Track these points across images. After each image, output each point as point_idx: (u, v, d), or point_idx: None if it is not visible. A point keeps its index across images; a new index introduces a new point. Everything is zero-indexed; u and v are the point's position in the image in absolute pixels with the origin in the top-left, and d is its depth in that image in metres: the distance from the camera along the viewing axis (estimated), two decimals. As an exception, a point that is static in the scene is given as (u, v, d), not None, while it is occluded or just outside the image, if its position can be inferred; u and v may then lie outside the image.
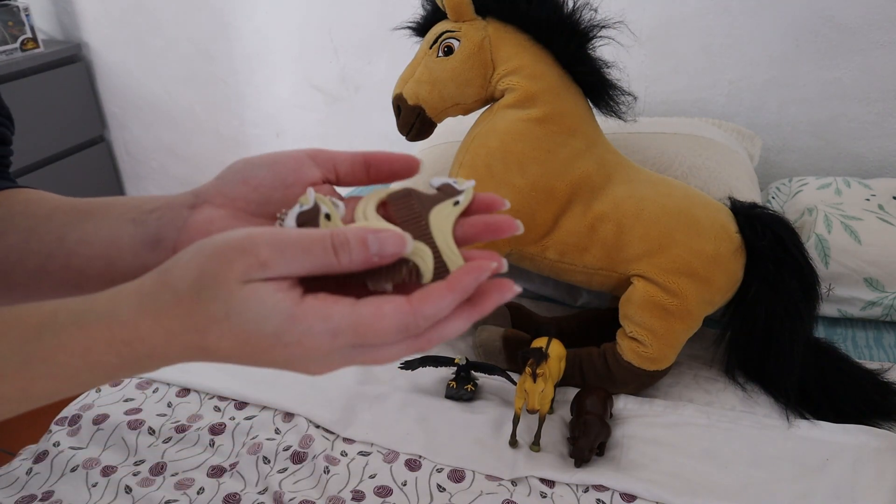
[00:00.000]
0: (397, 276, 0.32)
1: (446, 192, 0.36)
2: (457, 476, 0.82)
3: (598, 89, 0.98)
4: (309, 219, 0.35)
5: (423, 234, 0.34)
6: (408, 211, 0.35)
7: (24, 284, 0.43)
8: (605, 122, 1.05)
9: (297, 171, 0.38)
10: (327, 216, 0.35)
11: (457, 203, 0.35)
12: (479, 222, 0.35)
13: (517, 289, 0.33)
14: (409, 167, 0.38)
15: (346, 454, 0.85)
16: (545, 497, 0.79)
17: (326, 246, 0.31)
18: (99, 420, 0.91)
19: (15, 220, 0.45)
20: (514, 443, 0.86)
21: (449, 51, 0.96)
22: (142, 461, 0.84)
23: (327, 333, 0.31)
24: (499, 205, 0.35)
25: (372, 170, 0.39)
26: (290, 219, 0.35)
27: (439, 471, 0.82)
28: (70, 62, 1.98)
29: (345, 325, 0.31)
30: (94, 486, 0.81)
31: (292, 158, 0.38)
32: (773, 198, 1.32)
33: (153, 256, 0.40)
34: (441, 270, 0.33)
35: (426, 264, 0.32)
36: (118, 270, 0.41)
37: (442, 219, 0.34)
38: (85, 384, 0.33)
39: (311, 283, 0.32)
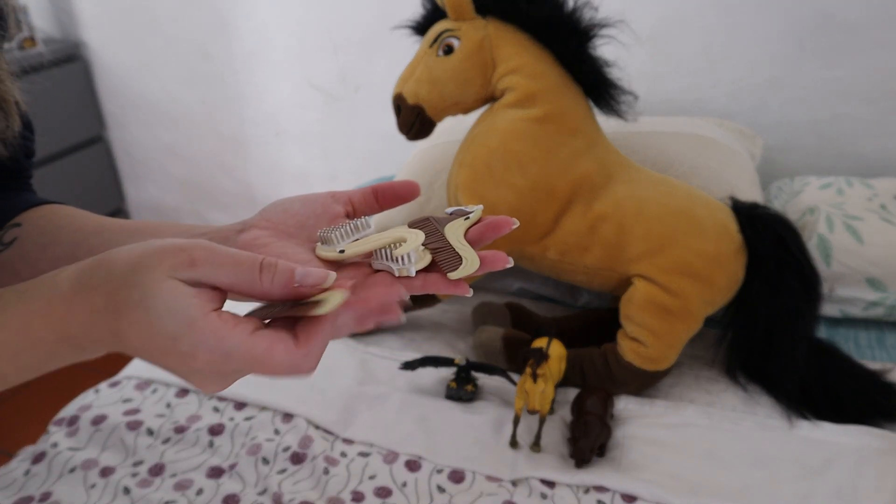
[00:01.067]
0: (296, 311, 0.35)
1: (459, 214, 0.42)
2: (457, 477, 0.81)
3: (599, 89, 0.98)
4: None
5: (439, 240, 0.40)
6: (426, 227, 0.41)
7: None
8: (605, 122, 1.04)
9: (325, 206, 0.45)
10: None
11: (467, 218, 0.41)
12: (481, 226, 0.40)
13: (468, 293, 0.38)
14: (411, 191, 0.44)
15: (346, 455, 0.85)
16: (546, 498, 0.78)
17: (254, 264, 0.34)
18: (97, 421, 0.90)
19: (61, 234, 0.49)
20: (514, 443, 0.85)
21: (449, 50, 0.96)
22: (140, 462, 0.84)
23: (220, 353, 0.32)
24: (508, 225, 0.39)
25: (380, 197, 0.45)
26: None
27: (439, 471, 0.82)
28: (69, 61, 1.97)
29: (238, 352, 0.32)
30: (92, 487, 0.80)
31: (320, 197, 0.45)
32: (775, 197, 1.31)
33: None
34: (454, 261, 0.38)
35: (331, 299, 0.34)
36: None
37: (454, 229, 0.40)
38: (27, 367, 0.35)
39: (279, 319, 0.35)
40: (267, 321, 0.35)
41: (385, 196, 0.45)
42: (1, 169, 0.53)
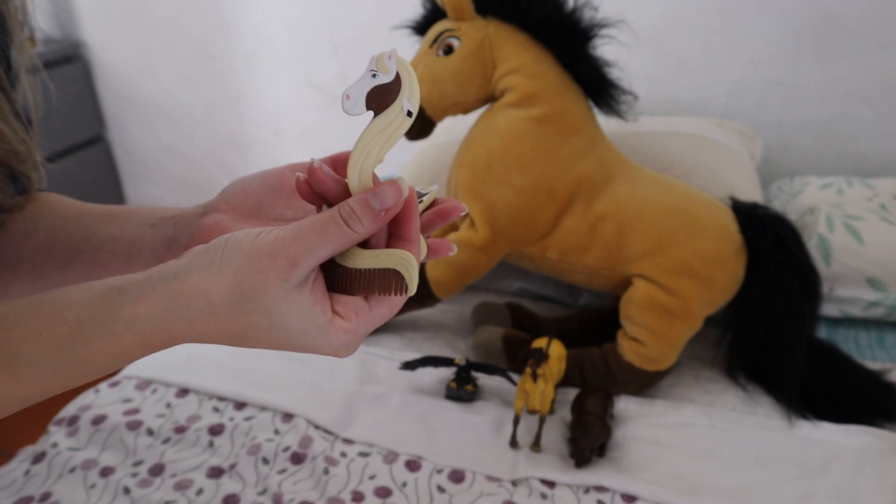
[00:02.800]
0: (387, 288, 0.35)
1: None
2: (457, 477, 0.81)
3: (599, 89, 0.98)
4: (384, 97, 0.34)
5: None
6: None
7: (50, 276, 0.47)
8: (605, 122, 1.04)
9: (281, 181, 0.44)
10: (409, 113, 0.34)
11: (420, 201, 0.38)
12: (431, 213, 0.39)
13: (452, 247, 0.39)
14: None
15: (346, 455, 0.85)
16: (546, 498, 0.78)
17: (338, 223, 0.33)
18: (97, 421, 0.90)
19: (45, 220, 0.49)
20: (514, 443, 0.85)
21: (449, 50, 0.96)
22: (140, 462, 0.84)
23: (358, 339, 0.36)
24: (458, 210, 0.39)
25: (339, 167, 0.43)
26: (358, 95, 0.34)
27: (439, 472, 0.82)
28: (68, 61, 1.97)
29: (370, 326, 0.36)
30: (92, 487, 0.80)
31: (276, 171, 0.45)
32: (775, 197, 1.31)
33: (168, 255, 0.46)
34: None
35: (410, 274, 0.34)
36: (137, 266, 0.46)
37: None
38: (124, 366, 0.37)
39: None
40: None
41: (343, 165, 0.42)
42: None
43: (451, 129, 1.19)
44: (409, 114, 0.33)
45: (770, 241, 0.94)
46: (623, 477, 0.80)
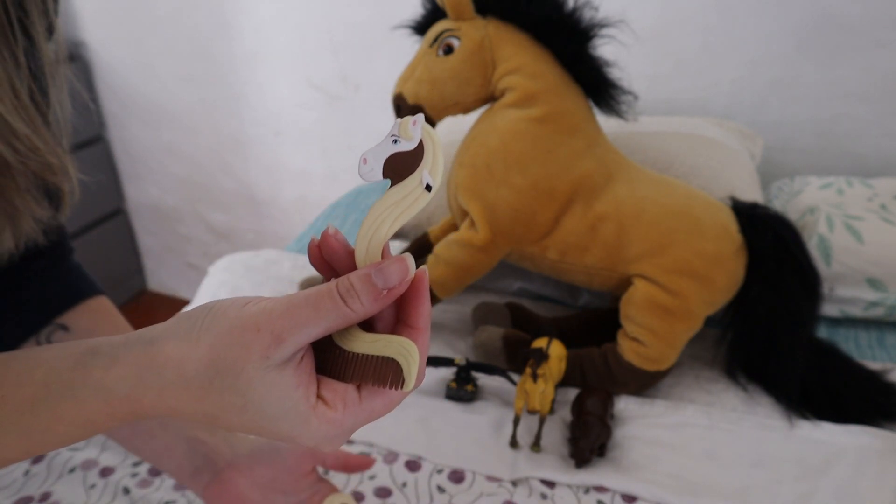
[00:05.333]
0: (382, 380, 0.31)
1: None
2: (457, 477, 0.81)
3: (599, 88, 0.98)
4: (403, 166, 0.30)
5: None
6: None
7: None
8: (605, 122, 1.04)
9: (300, 461, 0.56)
10: (428, 187, 0.30)
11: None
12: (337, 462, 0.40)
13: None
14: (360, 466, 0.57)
15: (346, 455, 0.85)
16: (546, 498, 0.78)
17: (334, 299, 0.30)
18: (97, 421, 0.90)
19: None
20: (514, 443, 0.85)
21: (449, 50, 0.96)
22: (140, 462, 0.84)
23: (343, 434, 0.32)
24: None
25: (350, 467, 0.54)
26: (375, 160, 0.30)
27: (439, 472, 0.82)
28: (69, 61, 1.97)
29: (359, 421, 0.32)
30: (91, 487, 0.80)
31: (293, 454, 0.54)
32: (775, 197, 1.31)
33: (190, 482, 0.52)
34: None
35: (409, 367, 0.31)
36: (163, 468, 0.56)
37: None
38: (86, 437, 0.33)
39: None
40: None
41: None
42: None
43: (451, 129, 1.19)
44: (429, 188, 0.30)
45: (770, 241, 0.94)
46: (623, 477, 0.80)
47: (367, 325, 0.33)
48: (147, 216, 2.34)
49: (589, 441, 0.81)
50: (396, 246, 1.28)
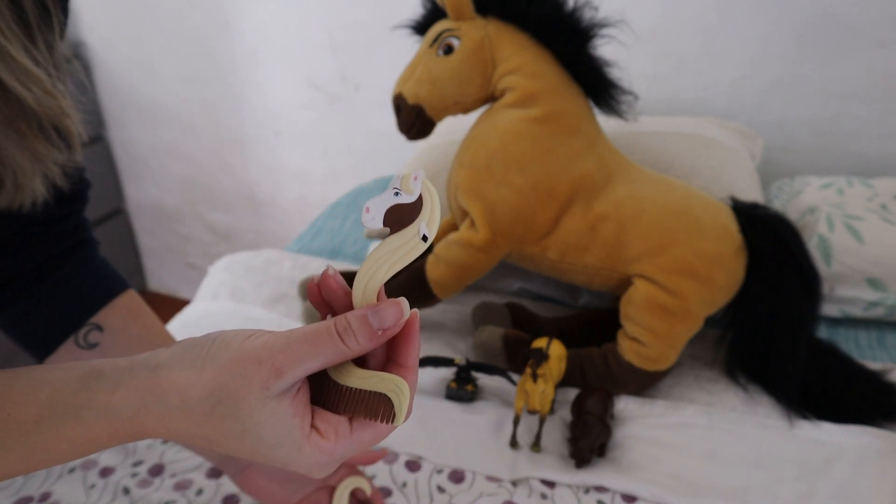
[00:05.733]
0: (374, 414, 0.33)
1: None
2: (457, 477, 0.81)
3: (599, 88, 0.98)
4: (403, 217, 0.33)
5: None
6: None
7: None
8: (605, 122, 1.04)
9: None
10: (424, 238, 0.32)
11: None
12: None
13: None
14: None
15: (346, 455, 0.85)
16: (546, 498, 0.78)
17: (332, 336, 0.32)
18: (97, 420, 0.90)
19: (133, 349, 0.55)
20: (514, 443, 0.85)
21: (449, 50, 0.96)
22: (140, 462, 0.84)
23: (333, 462, 0.33)
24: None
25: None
26: (377, 210, 0.33)
27: (439, 472, 0.82)
28: (67, 61, 1.97)
29: (349, 451, 0.34)
30: (91, 487, 0.80)
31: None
32: (775, 197, 1.31)
33: (224, 467, 0.57)
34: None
35: (400, 403, 0.32)
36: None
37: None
38: (91, 454, 0.34)
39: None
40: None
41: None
42: (61, 193, 0.54)
43: (451, 129, 1.19)
44: (425, 238, 0.32)
45: (770, 241, 0.94)
46: (623, 477, 0.80)
47: (360, 361, 0.35)
48: (147, 216, 2.34)
49: (589, 441, 0.81)
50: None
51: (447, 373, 0.98)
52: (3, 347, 0.56)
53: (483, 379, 0.97)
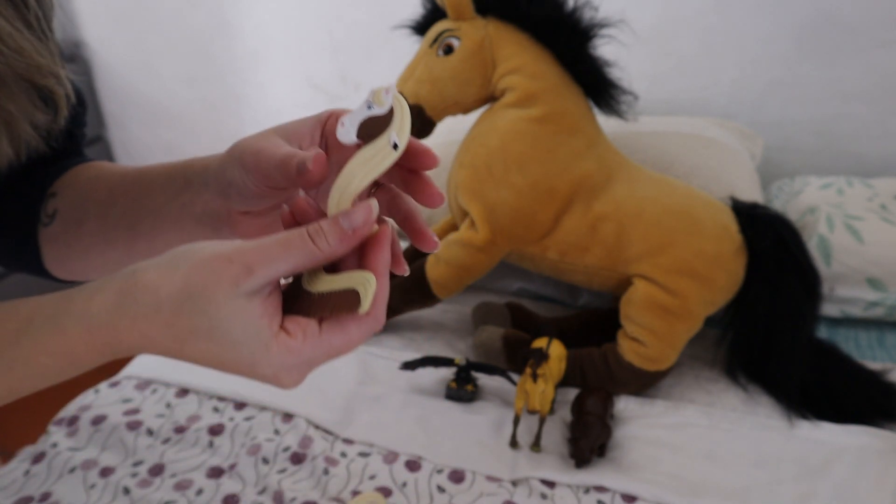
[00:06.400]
0: (342, 308, 0.34)
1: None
2: (457, 477, 0.81)
3: (599, 88, 0.98)
4: (375, 129, 0.34)
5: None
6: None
7: (119, 259, 0.47)
8: (605, 122, 1.04)
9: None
10: (395, 146, 0.33)
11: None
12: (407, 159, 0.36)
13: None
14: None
15: (346, 455, 0.85)
16: (546, 498, 0.78)
17: (304, 239, 0.32)
18: (97, 421, 0.90)
19: (87, 206, 0.49)
20: (514, 443, 0.85)
21: (449, 50, 0.96)
22: (140, 462, 0.84)
23: (300, 363, 0.33)
24: (430, 162, 0.36)
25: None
26: (351, 124, 0.34)
27: (439, 472, 0.82)
28: (69, 61, 1.97)
29: (317, 355, 0.34)
30: (92, 487, 0.80)
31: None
32: (775, 197, 1.31)
33: (219, 237, 0.45)
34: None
35: (366, 292, 0.33)
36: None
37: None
38: (68, 376, 0.35)
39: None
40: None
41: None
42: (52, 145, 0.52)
43: (451, 129, 1.19)
44: (395, 147, 0.33)
45: (770, 241, 0.94)
46: (623, 477, 0.80)
47: (332, 271, 0.36)
48: (147, 216, 2.33)
49: (589, 441, 0.81)
50: (396, 246, 1.28)
51: (447, 373, 0.98)
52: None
53: (483, 379, 0.97)
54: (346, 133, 0.34)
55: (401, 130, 0.33)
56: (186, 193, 0.45)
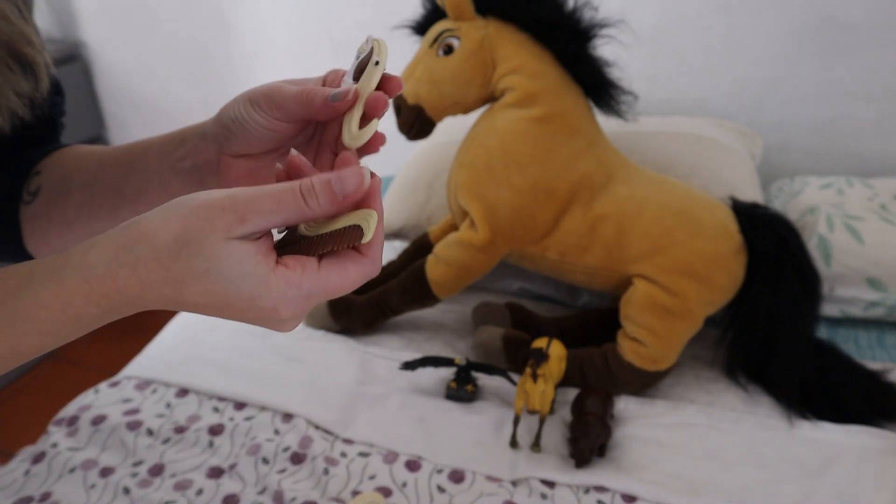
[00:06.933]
0: (344, 242, 0.35)
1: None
2: (457, 477, 0.81)
3: (599, 88, 0.98)
4: (365, 65, 0.39)
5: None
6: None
7: (100, 230, 0.48)
8: (605, 122, 1.04)
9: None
10: (377, 63, 0.39)
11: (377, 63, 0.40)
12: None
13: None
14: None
15: (346, 455, 0.85)
16: (546, 498, 0.78)
17: (296, 195, 0.33)
18: (97, 421, 0.90)
19: (73, 179, 0.51)
20: (514, 443, 0.85)
21: (449, 50, 0.96)
22: (140, 462, 0.84)
23: (300, 298, 0.34)
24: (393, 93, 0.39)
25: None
26: (349, 75, 0.40)
27: (439, 472, 0.82)
28: (68, 61, 1.97)
29: (316, 289, 0.34)
30: (92, 487, 0.80)
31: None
32: (775, 197, 1.31)
33: (202, 188, 0.44)
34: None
35: (369, 225, 0.35)
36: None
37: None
38: (70, 336, 0.35)
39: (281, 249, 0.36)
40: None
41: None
42: (33, 129, 0.53)
43: (451, 129, 1.19)
44: (377, 63, 0.38)
45: (770, 241, 0.94)
46: (623, 477, 0.80)
47: None
48: (147, 216, 2.33)
49: (589, 441, 0.81)
50: (398, 246, 1.28)
51: (447, 373, 0.98)
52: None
53: (483, 379, 0.97)
54: (346, 82, 0.39)
55: (379, 53, 0.38)
56: (179, 150, 0.47)
